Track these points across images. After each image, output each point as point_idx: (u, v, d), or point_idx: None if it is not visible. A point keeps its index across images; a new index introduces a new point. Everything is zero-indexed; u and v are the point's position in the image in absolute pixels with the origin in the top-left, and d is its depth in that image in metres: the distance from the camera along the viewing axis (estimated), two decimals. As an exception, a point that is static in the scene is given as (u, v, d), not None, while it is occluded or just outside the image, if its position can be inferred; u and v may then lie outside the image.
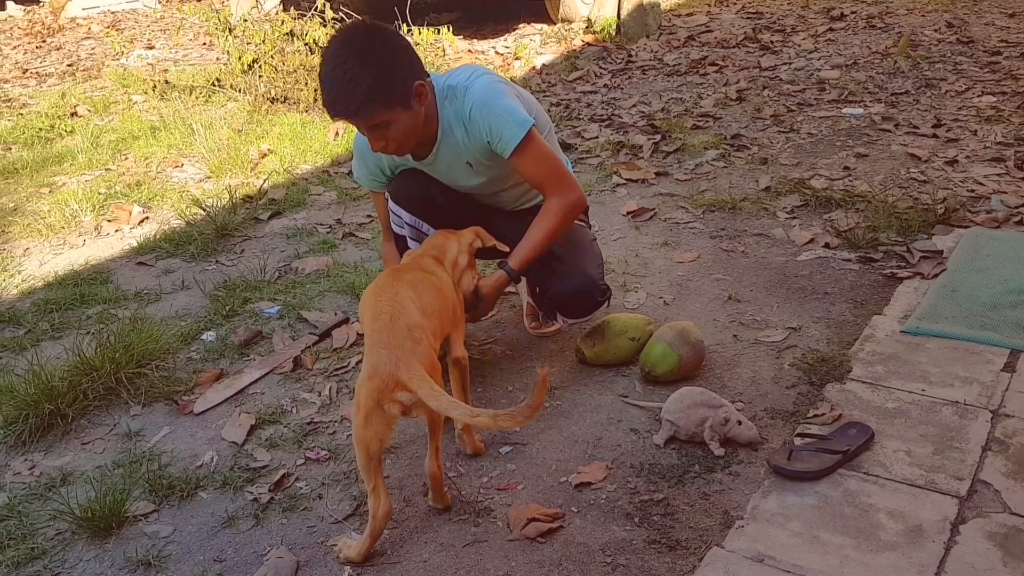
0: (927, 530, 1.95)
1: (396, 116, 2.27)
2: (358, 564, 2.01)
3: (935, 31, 6.57)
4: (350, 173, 4.39)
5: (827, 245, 3.37)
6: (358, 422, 1.94)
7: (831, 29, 6.95)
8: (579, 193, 2.51)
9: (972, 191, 3.74)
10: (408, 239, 2.68)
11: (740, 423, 2.27)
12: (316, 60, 5.35)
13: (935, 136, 4.45)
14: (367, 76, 2.19)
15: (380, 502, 1.97)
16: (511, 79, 6.13)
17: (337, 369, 2.81)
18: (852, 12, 7.41)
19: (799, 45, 6.57)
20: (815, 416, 2.38)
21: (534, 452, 2.35)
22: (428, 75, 2.39)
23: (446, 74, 2.47)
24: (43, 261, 3.78)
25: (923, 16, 7.10)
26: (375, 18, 7.22)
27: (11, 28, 9.20)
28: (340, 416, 2.56)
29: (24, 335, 3.14)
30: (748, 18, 7.56)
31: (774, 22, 7.33)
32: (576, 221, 2.69)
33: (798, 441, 2.26)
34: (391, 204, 2.67)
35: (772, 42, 6.70)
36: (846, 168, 4.13)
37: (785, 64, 6.08)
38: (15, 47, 8.38)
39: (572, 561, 1.96)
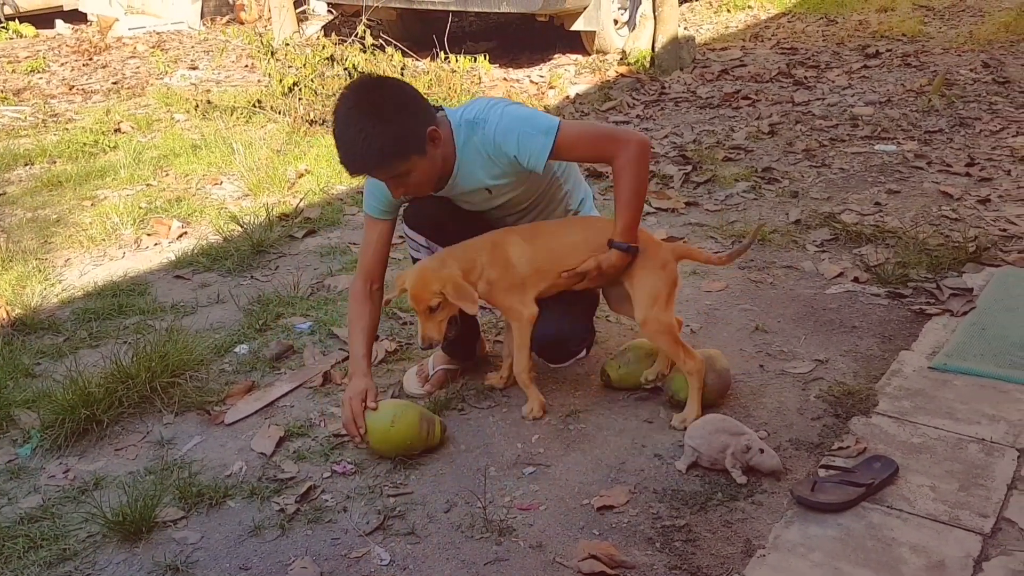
0: (950, 566, 1.95)
1: (414, 165, 2.36)
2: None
3: (971, 70, 6.55)
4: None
5: (856, 279, 3.38)
6: None
7: (866, 66, 6.96)
8: (632, 139, 2.46)
9: (1004, 230, 3.73)
10: None
11: (762, 451, 2.28)
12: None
13: (968, 175, 4.44)
14: (381, 133, 2.27)
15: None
16: (545, 108, 6.20)
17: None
18: (887, 50, 7.42)
19: (833, 81, 6.58)
20: (840, 448, 2.38)
21: (557, 474, 2.37)
22: (438, 111, 2.48)
23: (460, 108, 2.54)
24: (83, 272, 3.87)
25: (959, 55, 7.09)
26: (412, 46, 7.35)
27: (60, 46, 9.45)
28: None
29: (63, 342, 3.22)
30: (782, 54, 7.59)
31: (808, 58, 7.35)
32: None
33: (822, 472, 2.27)
34: (406, 228, 2.70)
35: (806, 78, 6.72)
36: (877, 204, 4.13)
37: (818, 100, 6.09)
38: (63, 64, 8.60)
39: (592, 582, 1.98)
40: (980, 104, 5.70)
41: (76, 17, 10.50)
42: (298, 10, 8.07)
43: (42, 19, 10.39)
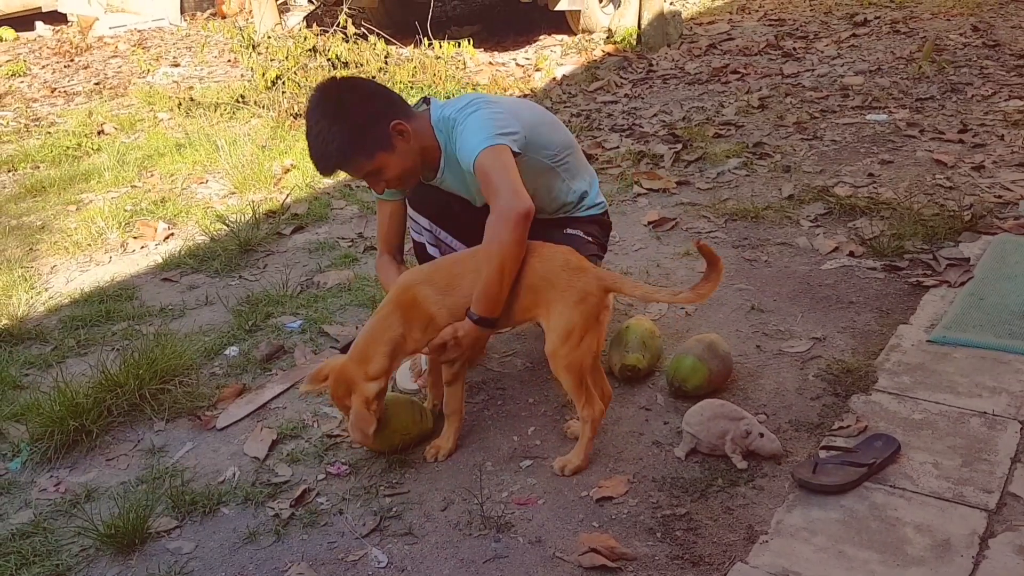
0: (955, 544, 1.92)
1: (382, 161, 2.35)
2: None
3: (960, 35, 6.49)
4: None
5: (851, 253, 3.33)
6: None
7: (854, 35, 6.89)
8: (512, 204, 2.22)
9: (999, 197, 3.68)
10: (427, 244, 2.69)
11: (762, 435, 2.24)
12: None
13: (961, 142, 4.39)
14: (338, 133, 2.30)
15: None
16: (531, 91, 6.14)
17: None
18: (876, 17, 7.34)
19: (822, 51, 6.51)
20: (840, 428, 2.35)
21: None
22: (424, 103, 2.46)
23: (445, 102, 2.51)
24: (70, 278, 3.82)
25: (948, 20, 7.02)
26: (395, 33, 7.28)
27: (40, 48, 9.35)
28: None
29: (50, 352, 3.17)
30: (770, 25, 7.52)
31: (796, 29, 7.28)
32: (587, 239, 2.67)
33: (823, 454, 2.23)
34: (410, 211, 2.69)
35: (795, 49, 6.65)
36: (870, 175, 4.08)
37: (808, 71, 6.03)
38: (44, 66, 8.51)
39: (594, 577, 1.95)
40: (971, 69, 5.65)
41: (56, 18, 10.40)
42: (279, 1, 7.98)
43: (22, 21, 10.28)
